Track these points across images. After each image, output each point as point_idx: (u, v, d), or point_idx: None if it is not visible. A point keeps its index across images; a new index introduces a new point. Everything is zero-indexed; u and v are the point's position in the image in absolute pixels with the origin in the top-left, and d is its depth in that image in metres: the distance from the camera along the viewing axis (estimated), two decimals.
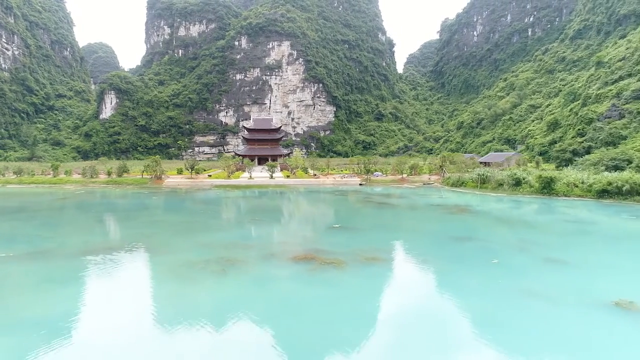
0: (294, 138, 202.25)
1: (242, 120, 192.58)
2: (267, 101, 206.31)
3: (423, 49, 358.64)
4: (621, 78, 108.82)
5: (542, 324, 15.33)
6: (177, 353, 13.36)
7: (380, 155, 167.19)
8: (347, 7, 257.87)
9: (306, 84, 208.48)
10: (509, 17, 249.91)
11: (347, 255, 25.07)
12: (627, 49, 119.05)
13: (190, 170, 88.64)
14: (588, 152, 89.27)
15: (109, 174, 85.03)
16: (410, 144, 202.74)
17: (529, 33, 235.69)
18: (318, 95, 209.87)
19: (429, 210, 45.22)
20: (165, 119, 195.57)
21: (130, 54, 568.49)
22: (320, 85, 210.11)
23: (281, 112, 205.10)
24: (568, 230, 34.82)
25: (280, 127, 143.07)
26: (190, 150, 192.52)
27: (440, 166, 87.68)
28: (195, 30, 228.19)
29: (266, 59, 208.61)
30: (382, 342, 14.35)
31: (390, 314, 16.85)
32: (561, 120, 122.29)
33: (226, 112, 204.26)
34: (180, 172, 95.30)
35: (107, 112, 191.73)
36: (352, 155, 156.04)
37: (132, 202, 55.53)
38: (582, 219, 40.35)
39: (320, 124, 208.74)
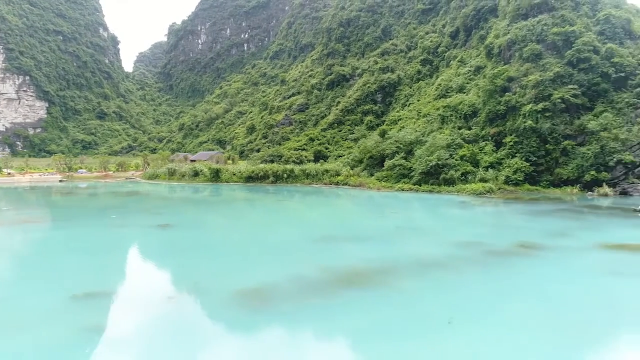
0: None
1: None
2: None
3: (154, 49, 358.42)
4: (293, 94, 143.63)
5: (145, 237, 29.50)
6: None
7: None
8: None
9: (8, 75, 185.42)
10: (228, 31, 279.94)
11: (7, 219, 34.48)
12: (299, 72, 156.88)
13: None
14: None
15: None
16: (135, 144, 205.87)
17: (245, 48, 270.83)
18: (24, 88, 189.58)
19: (104, 195, 56.51)
20: None
21: None
22: (27, 77, 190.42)
23: None
24: (184, 199, 52.20)
25: None
26: None
27: (144, 163, 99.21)
28: None
29: None
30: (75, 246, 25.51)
31: (58, 241, 27.88)
32: (256, 125, 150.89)
33: None
34: None
35: None
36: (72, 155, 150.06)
37: None
38: (212, 194, 59.07)
39: (28, 120, 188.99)
